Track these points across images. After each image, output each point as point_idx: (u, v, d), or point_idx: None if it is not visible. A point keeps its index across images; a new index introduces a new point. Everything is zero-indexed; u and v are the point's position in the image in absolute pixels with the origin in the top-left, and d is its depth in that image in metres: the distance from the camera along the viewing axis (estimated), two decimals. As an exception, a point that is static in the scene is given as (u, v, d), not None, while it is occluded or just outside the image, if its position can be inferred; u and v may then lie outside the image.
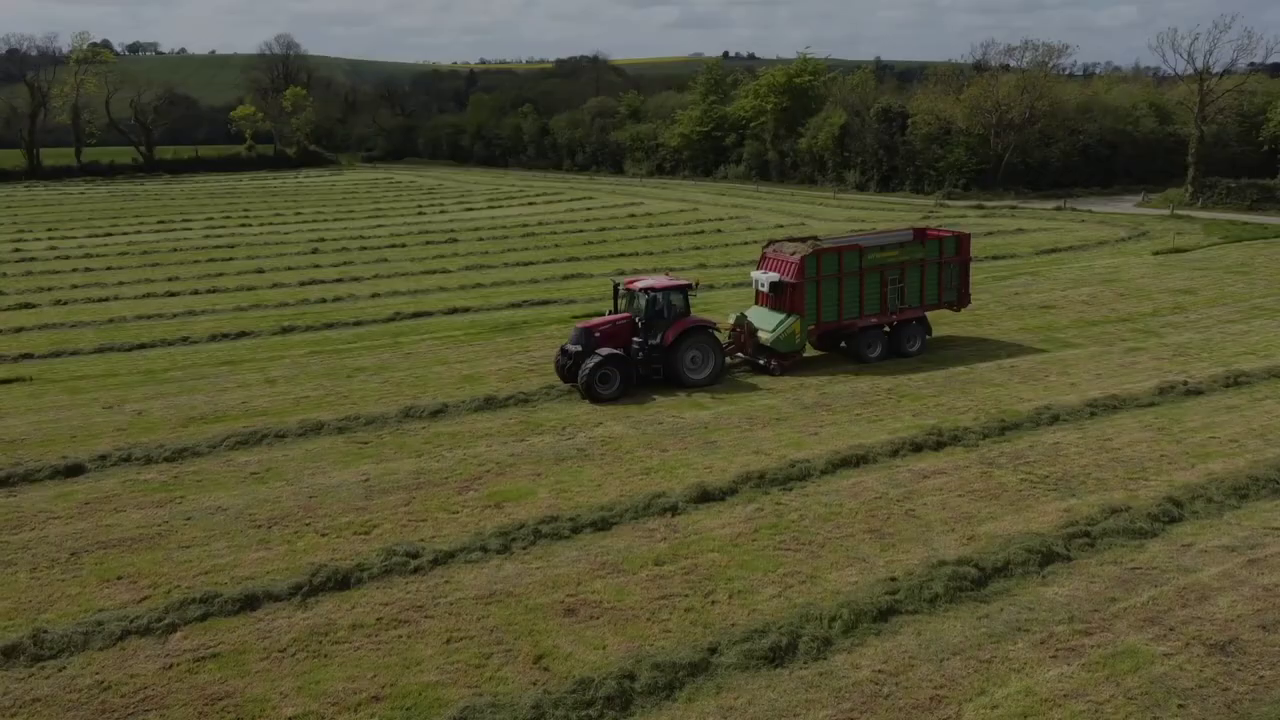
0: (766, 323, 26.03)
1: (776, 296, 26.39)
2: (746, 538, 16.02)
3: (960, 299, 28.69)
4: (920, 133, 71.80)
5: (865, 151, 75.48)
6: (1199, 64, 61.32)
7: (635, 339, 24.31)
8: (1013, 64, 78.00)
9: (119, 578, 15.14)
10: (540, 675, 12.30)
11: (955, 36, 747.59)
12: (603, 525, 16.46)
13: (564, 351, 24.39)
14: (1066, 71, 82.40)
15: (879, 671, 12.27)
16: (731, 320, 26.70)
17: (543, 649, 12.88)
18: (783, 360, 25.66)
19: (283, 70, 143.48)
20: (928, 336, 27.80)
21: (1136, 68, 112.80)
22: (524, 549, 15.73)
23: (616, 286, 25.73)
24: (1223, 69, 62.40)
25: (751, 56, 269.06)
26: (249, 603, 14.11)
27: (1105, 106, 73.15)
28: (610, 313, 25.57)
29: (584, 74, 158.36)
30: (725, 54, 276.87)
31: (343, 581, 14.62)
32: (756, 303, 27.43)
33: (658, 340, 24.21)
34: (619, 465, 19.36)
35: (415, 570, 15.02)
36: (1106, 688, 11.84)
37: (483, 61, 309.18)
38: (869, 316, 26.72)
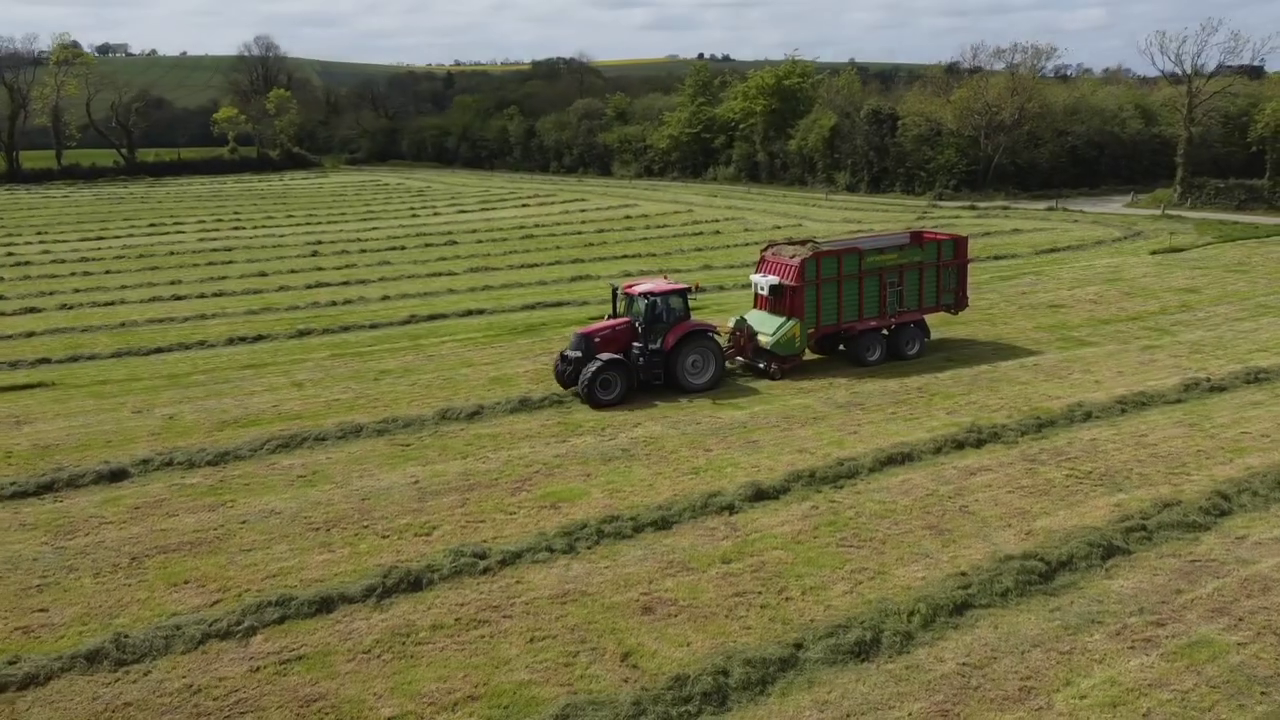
0: (766, 326, 25.94)
1: (776, 299, 26.32)
2: (807, 535, 16.21)
3: (958, 302, 28.76)
4: (910, 134, 72.42)
5: (855, 153, 76.01)
6: (1187, 67, 62.34)
7: (635, 344, 24.13)
8: (988, 66, 79.14)
9: (186, 582, 15.10)
10: (630, 673, 12.41)
11: (926, 38, 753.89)
12: (663, 525, 16.59)
13: (563, 357, 24.25)
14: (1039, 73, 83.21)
15: (964, 664, 12.49)
16: (731, 324, 26.61)
17: (628, 647, 12.99)
18: (783, 364, 25.60)
19: (262, 72, 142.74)
20: (926, 339, 27.85)
21: (1108, 70, 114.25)
22: (589, 549, 15.83)
23: (615, 291, 25.51)
24: (1211, 71, 63.41)
25: (726, 58, 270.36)
26: (324, 605, 14.12)
27: (1092, 108, 74.10)
28: (609, 317, 25.35)
29: (562, 76, 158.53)
30: (700, 55, 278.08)
31: (415, 583, 14.66)
32: (755, 306, 27.37)
33: (658, 345, 24.07)
34: (666, 465, 19.50)
35: (485, 571, 15.09)
36: (1188, 677, 12.12)
37: (457, 63, 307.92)
38: (868, 319, 26.77)
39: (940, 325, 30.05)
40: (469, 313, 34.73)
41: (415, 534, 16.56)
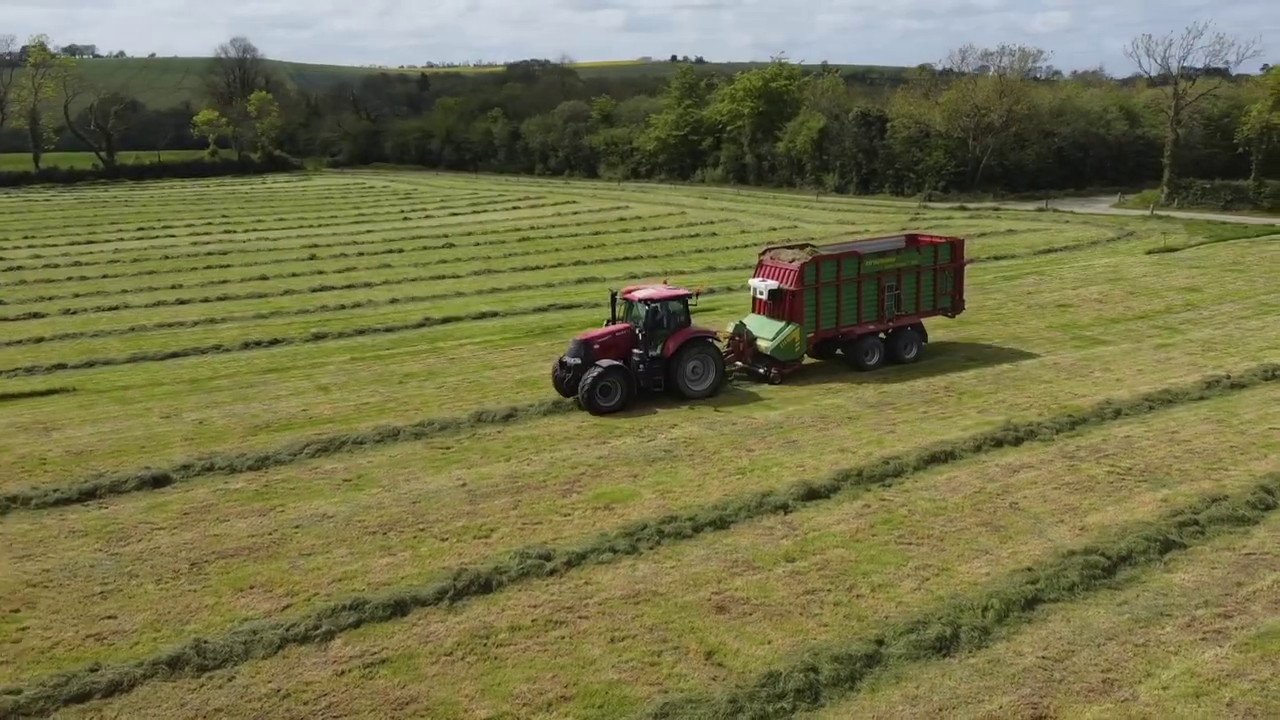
0: (766, 331, 25.80)
1: (775, 304, 26.16)
2: (865, 533, 16.39)
3: (955, 305, 28.77)
4: (899, 136, 73.03)
5: (844, 155, 76.52)
6: (1174, 68, 63.38)
7: (635, 350, 23.86)
8: (966, 69, 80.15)
9: (251, 587, 15.05)
10: (717, 671, 12.52)
11: (895, 41, 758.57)
12: (721, 525, 16.72)
13: (562, 364, 23.93)
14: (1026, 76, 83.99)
15: (1043, 657, 12.70)
16: (730, 329, 26.46)
17: (710, 645, 13.10)
18: (782, 369, 25.51)
19: (239, 74, 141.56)
20: (924, 343, 27.74)
21: (1076, 73, 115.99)
22: (651, 549, 15.92)
23: (614, 296, 25.23)
24: (1187, 74, 64.48)
25: (699, 60, 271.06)
26: (398, 608, 14.12)
27: (1077, 110, 75.09)
28: (608, 323, 25.04)
29: (538, 77, 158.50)
30: (673, 57, 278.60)
31: (485, 585, 14.69)
32: (754, 310, 27.17)
33: (658, 351, 23.82)
34: (712, 466, 19.62)
35: (552, 572, 15.14)
36: (1264, 667, 12.39)
37: (430, 65, 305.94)
38: (866, 323, 26.73)
39: (955, 325, 30.44)
40: (482, 315, 34.68)
41: (474, 536, 16.58)
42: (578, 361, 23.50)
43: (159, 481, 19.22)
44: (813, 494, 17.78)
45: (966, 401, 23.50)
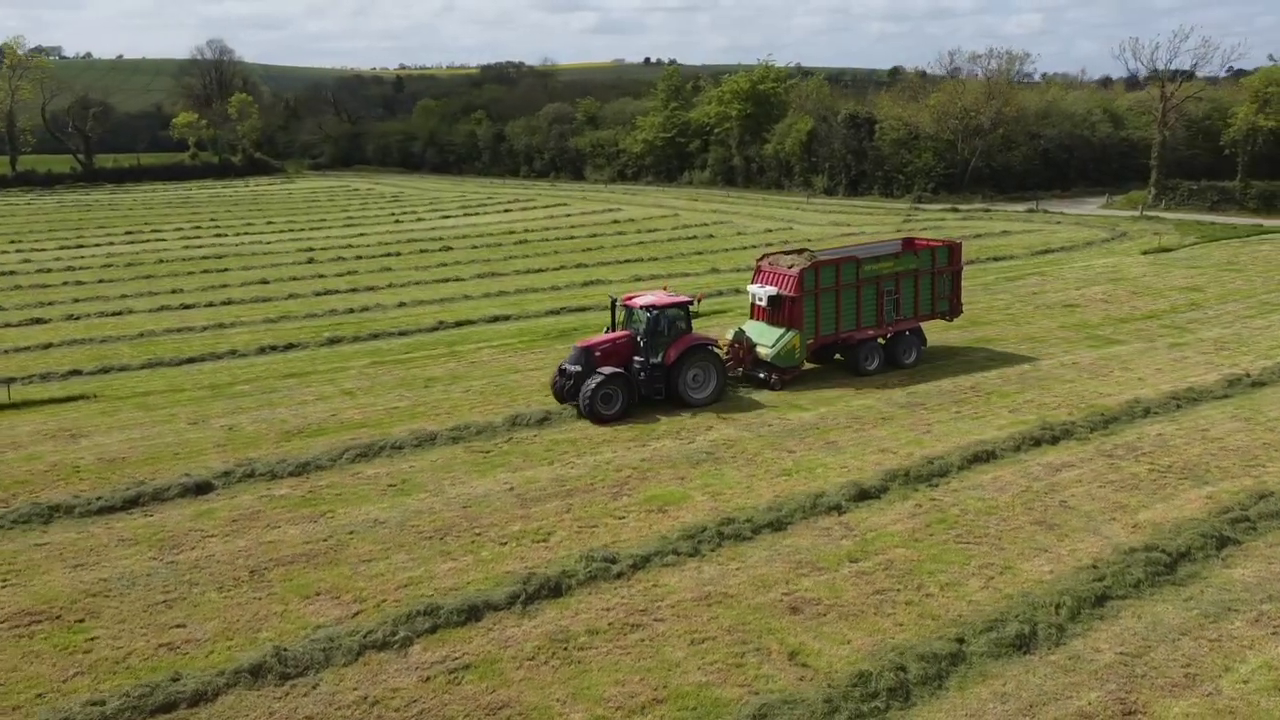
0: (765, 338, 25.71)
1: (774, 310, 26.03)
2: (923, 533, 16.53)
3: (953, 308, 28.79)
4: (888, 138, 73.55)
5: (833, 157, 76.95)
6: (1160, 70, 64.21)
7: (636, 358, 23.80)
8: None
9: (317, 593, 14.96)
10: (803, 671, 12.60)
11: (870, 43, 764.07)
12: (779, 526, 16.80)
13: (562, 371, 23.78)
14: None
15: (1121, 654, 12.88)
16: (730, 336, 26.33)
17: (791, 646, 13.17)
18: (783, 375, 25.46)
19: (216, 76, 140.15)
20: (923, 347, 27.72)
21: (1045, 76, 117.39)
22: (713, 551, 15.99)
23: (614, 302, 25.11)
24: (1186, 75, 65.43)
25: (673, 62, 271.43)
26: (472, 613, 14.09)
27: (1062, 112, 75.99)
28: (608, 330, 24.93)
29: (514, 79, 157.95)
30: (646, 60, 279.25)
31: (555, 589, 14.69)
32: (752, 316, 27.01)
33: (659, 359, 23.67)
34: (757, 467, 19.71)
35: (619, 575, 15.16)
36: (1339, 660, 12.64)
37: (402, 66, 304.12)
38: (866, 329, 26.69)
39: (968, 326, 30.79)
40: (494, 319, 34.56)
41: (533, 540, 16.56)
42: (578, 368, 23.30)
43: (201, 489, 19.05)
44: (864, 494, 17.91)
45: (995, 401, 23.74)
